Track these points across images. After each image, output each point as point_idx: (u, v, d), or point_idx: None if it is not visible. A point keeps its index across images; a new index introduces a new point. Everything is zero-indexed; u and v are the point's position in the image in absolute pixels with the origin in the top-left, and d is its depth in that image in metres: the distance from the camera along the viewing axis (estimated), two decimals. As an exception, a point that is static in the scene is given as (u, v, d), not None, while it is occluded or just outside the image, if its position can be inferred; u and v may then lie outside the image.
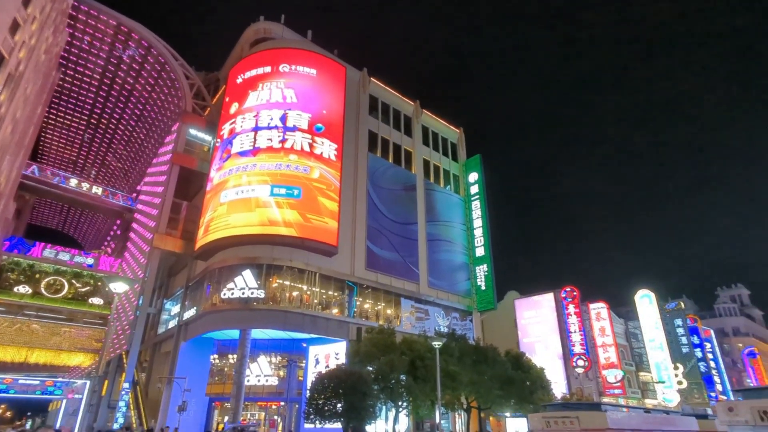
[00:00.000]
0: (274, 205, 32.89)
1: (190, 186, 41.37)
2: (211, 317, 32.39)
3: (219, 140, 37.58)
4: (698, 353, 58.41)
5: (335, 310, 34.56)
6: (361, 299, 36.54)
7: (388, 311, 37.93)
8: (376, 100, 45.15)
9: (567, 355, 46.56)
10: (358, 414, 22.94)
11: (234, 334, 33.06)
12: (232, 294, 31.49)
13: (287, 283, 33.18)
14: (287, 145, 34.82)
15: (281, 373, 34.86)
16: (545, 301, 50.38)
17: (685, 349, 57.43)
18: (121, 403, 32.69)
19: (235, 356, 32.99)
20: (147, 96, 46.49)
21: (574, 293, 48.66)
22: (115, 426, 31.25)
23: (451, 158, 50.96)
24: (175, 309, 39.15)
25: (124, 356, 37.75)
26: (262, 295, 31.48)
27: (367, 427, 27.43)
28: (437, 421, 26.79)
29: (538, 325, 50.00)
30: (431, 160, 48.22)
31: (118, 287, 18.36)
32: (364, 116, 42.88)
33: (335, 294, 35.23)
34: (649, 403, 49.64)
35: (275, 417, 34.88)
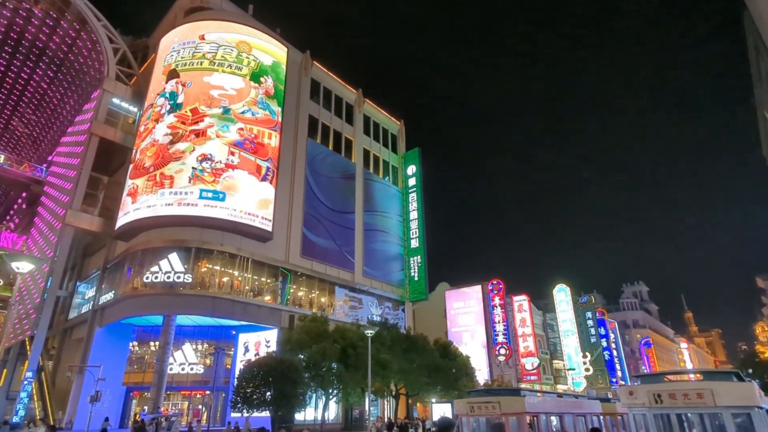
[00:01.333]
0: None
1: (112, 160, 38.13)
2: (132, 302, 30.29)
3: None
4: (604, 343, 64.25)
5: (267, 297, 33.74)
6: (295, 287, 35.97)
7: (322, 299, 37.72)
8: (318, 84, 44.23)
9: (491, 344, 49.16)
10: (287, 402, 22.71)
11: (157, 320, 31.19)
12: (156, 278, 29.63)
13: (217, 268, 31.82)
14: (223, 123, 33.16)
15: (208, 361, 33.52)
16: (473, 292, 52.73)
17: (593, 339, 62.88)
18: (23, 394, 29.71)
19: (157, 343, 31.14)
20: (63, 57, 41.90)
21: (500, 286, 51.36)
22: (15, 419, 28.34)
23: (391, 150, 51.36)
24: (90, 292, 36.15)
25: (27, 343, 34.29)
26: (190, 280, 29.95)
27: (296, 415, 27.27)
28: (367, 407, 27.21)
29: (465, 316, 52.27)
30: (371, 150, 48.28)
31: (22, 266, 16.49)
32: (304, 100, 41.87)
33: (268, 281, 34.38)
34: (560, 388, 53.87)
35: (200, 406, 33.53)
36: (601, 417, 18.79)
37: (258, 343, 32.90)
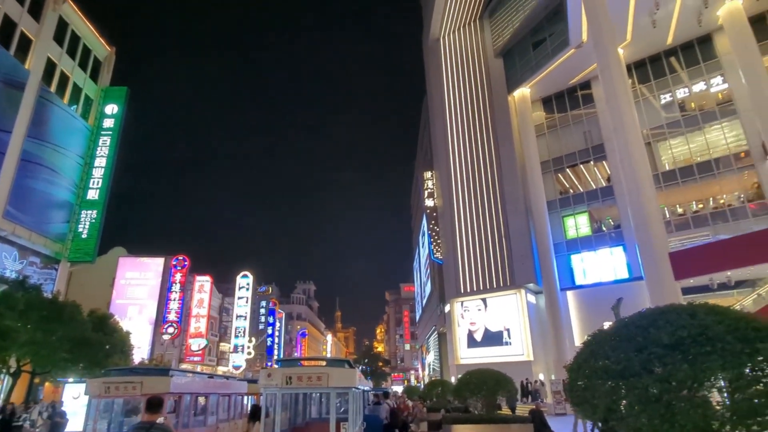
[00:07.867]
0: None
1: None
2: None
3: None
4: (270, 330, 70.01)
5: None
6: None
7: None
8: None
9: (159, 321, 45.80)
10: None
11: None
12: None
13: None
14: None
15: None
16: (154, 265, 48.10)
17: (261, 326, 67.59)
18: None
19: None
20: None
21: (186, 263, 48.82)
22: None
23: (90, 76, 41.75)
24: None
25: None
26: None
27: None
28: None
29: (138, 288, 46.97)
30: (60, 64, 37.82)
31: None
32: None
33: None
34: (221, 369, 55.03)
35: None
36: (246, 396, 20.22)
37: None
